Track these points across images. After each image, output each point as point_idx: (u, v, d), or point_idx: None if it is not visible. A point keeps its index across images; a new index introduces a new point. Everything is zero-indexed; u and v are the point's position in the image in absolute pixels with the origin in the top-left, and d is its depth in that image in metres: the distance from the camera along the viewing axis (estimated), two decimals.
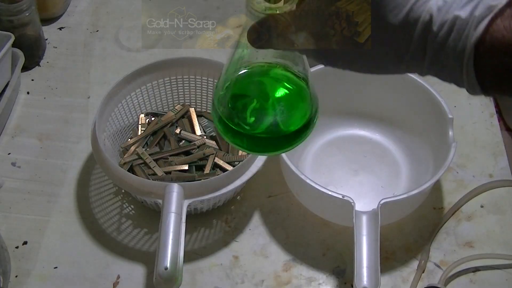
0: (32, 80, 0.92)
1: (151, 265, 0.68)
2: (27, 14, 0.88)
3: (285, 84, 0.48)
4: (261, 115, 0.48)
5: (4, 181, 0.77)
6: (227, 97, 0.48)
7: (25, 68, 0.91)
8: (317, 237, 0.74)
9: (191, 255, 0.72)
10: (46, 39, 0.97)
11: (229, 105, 0.48)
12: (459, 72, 0.37)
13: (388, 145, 0.82)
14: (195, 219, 0.75)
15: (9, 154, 0.82)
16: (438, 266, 0.71)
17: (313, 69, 0.78)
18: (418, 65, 0.39)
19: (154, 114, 0.83)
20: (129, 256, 0.72)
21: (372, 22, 0.39)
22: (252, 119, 0.48)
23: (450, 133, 0.72)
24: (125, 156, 0.78)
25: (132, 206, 0.77)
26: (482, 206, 0.77)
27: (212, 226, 0.75)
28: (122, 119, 0.80)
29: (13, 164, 0.81)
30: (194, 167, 0.77)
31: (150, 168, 0.76)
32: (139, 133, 0.81)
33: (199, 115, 0.83)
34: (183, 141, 0.80)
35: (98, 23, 1.01)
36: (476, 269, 0.71)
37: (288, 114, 0.48)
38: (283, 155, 0.70)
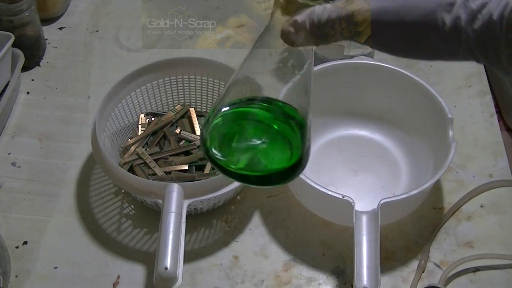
0: (32, 80, 0.92)
1: (151, 265, 0.69)
2: (27, 14, 0.88)
3: (278, 124, 0.48)
4: (243, 152, 0.48)
5: (4, 181, 0.77)
6: (219, 126, 0.48)
7: (25, 68, 0.91)
8: (317, 237, 0.74)
9: (191, 255, 0.72)
10: (46, 39, 0.97)
11: (219, 138, 0.48)
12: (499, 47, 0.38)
13: (388, 145, 0.82)
14: (195, 219, 0.75)
15: (9, 154, 0.82)
16: (438, 266, 0.71)
17: (313, 69, 0.79)
18: (472, 53, 0.40)
19: (154, 114, 0.83)
20: (129, 256, 0.72)
21: (424, 31, 0.40)
22: (235, 155, 0.48)
23: (450, 133, 0.72)
24: (125, 156, 0.78)
25: (132, 206, 0.77)
26: (482, 206, 0.77)
27: (212, 226, 0.75)
28: (122, 119, 0.80)
29: (13, 164, 0.81)
30: (194, 167, 0.77)
31: (150, 168, 0.76)
32: (139, 133, 0.81)
33: (199, 115, 0.83)
34: (183, 141, 0.80)
35: (98, 23, 1.01)
36: (476, 269, 0.71)
37: (272, 155, 0.48)
38: None
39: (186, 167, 0.76)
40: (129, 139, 0.81)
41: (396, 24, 0.41)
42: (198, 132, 0.81)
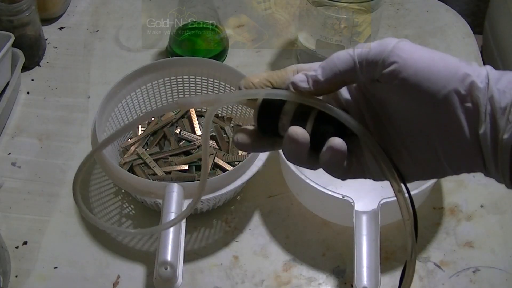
0: (32, 80, 0.92)
1: (151, 265, 0.69)
2: (27, 14, 0.88)
3: None
4: None
5: (4, 181, 0.77)
6: None
7: (25, 68, 0.91)
8: (317, 237, 0.74)
9: (191, 255, 0.72)
10: (46, 39, 0.97)
11: None
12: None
13: None
14: (195, 219, 0.75)
15: (9, 154, 0.82)
16: (438, 266, 0.71)
17: None
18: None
19: None
20: (129, 256, 0.72)
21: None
22: None
23: None
24: (125, 156, 0.78)
25: (132, 206, 0.77)
26: (482, 206, 0.77)
27: (212, 226, 0.75)
28: (122, 119, 0.80)
29: (13, 164, 0.81)
30: (194, 167, 0.77)
31: (150, 168, 0.76)
32: (139, 133, 0.81)
33: (199, 115, 0.83)
34: (183, 141, 0.80)
35: (98, 23, 1.01)
36: (476, 269, 0.71)
37: None
38: (283, 156, 0.69)
39: (186, 167, 0.76)
40: (129, 139, 0.81)
41: None
42: (198, 132, 0.81)
